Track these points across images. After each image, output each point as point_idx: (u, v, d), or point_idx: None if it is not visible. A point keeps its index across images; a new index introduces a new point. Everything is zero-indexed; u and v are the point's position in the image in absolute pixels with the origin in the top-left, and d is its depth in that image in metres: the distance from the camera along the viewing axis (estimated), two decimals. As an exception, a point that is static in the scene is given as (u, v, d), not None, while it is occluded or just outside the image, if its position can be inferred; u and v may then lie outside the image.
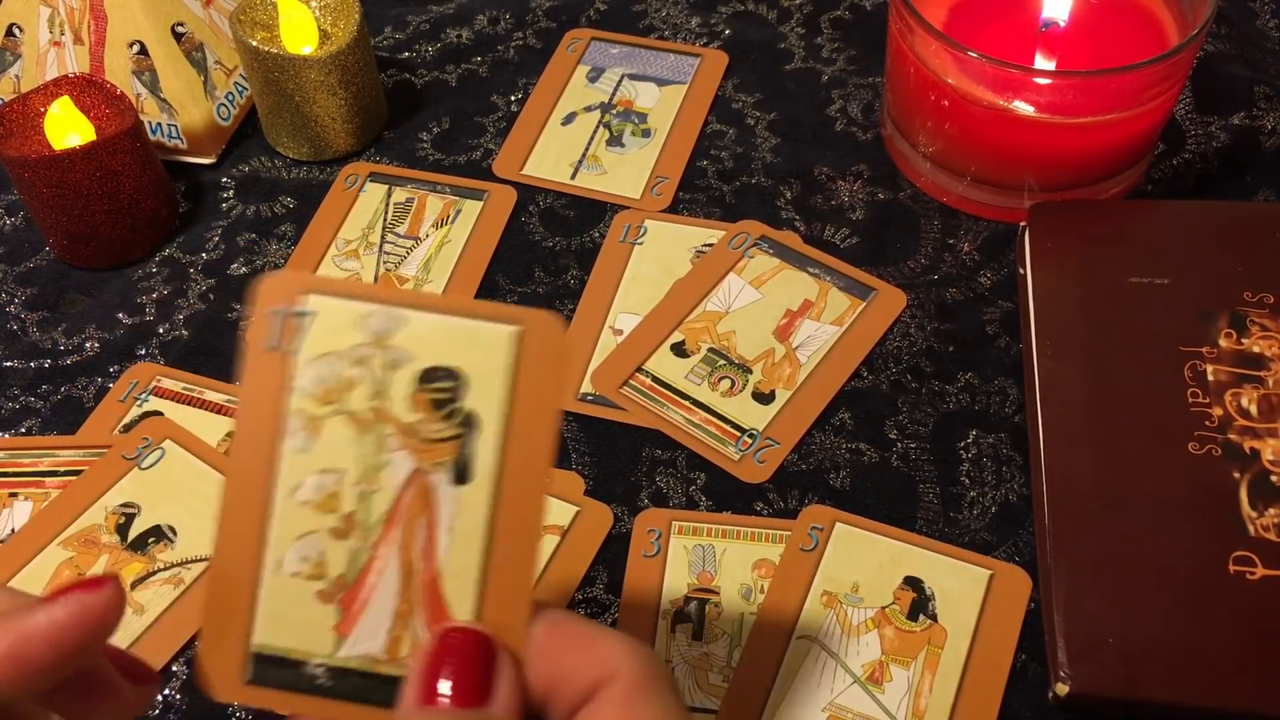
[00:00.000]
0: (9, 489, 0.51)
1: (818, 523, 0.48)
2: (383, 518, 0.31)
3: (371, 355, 0.31)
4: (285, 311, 0.31)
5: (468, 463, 0.31)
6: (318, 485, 0.31)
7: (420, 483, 0.31)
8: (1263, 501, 0.45)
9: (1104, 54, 0.56)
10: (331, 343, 0.31)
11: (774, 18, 0.69)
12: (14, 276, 0.60)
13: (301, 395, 0.31)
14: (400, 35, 0.70)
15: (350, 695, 0.31)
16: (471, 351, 0.31)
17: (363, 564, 0.31)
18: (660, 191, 0.60)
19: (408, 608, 0.31)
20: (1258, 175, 0.59)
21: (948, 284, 0.56)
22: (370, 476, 0.31)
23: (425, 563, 0.31)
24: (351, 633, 0.31)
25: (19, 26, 0.64)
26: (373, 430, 0.31)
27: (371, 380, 0.31)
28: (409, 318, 0.31)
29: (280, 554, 0.31)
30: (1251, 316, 0.50)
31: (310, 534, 0.31)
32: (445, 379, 0.31)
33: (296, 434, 0.31)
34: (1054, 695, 0.42)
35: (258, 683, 0.31)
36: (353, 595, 0.31)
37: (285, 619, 0.31)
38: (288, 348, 0.31)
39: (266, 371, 0.31)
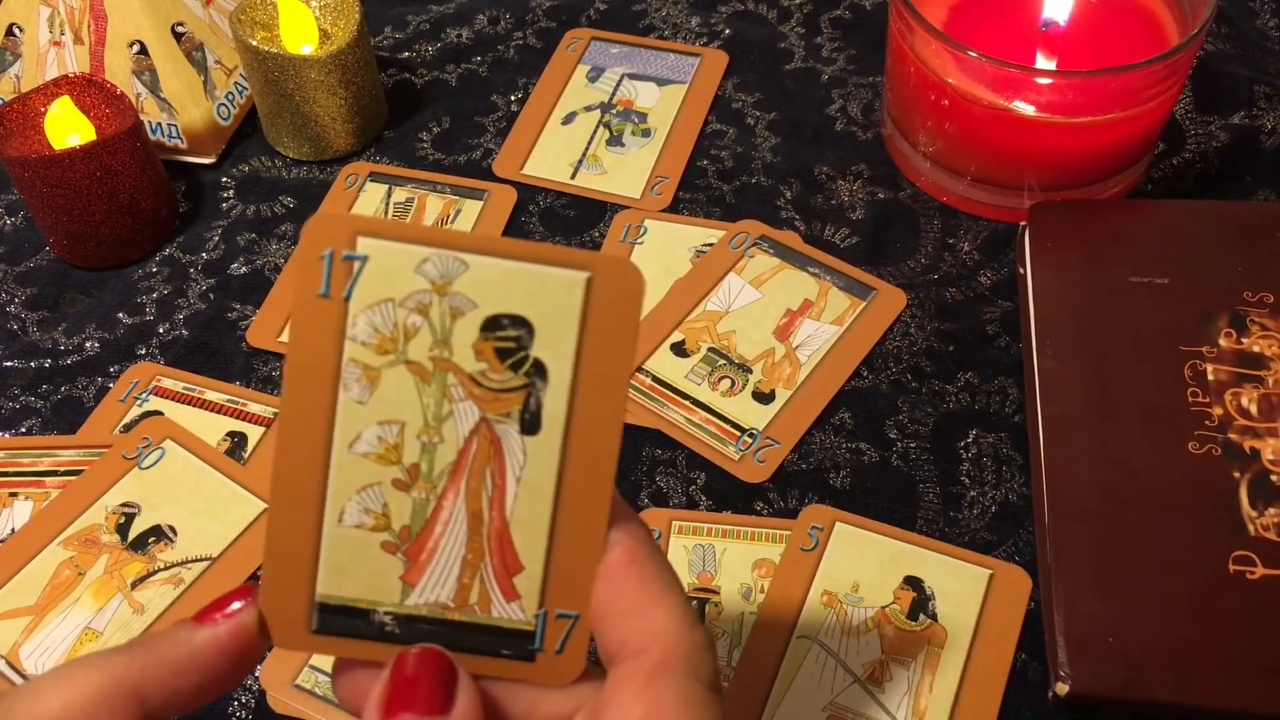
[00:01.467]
0: (9, 489, 0.51)
1: (818, 522, 0.48)
2: (448, 468, 0.30)
3: (431, 301, 0.30)
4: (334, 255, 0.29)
5: (537, 412, 0.30)
6: (378, 436, 0.30)
7: (487, 432, 0.30)
8: (1263, 501, 0.45)
9: (1104, 54, 0.56)
10: (387, 288, 0.29)
11: (774, 17, 0.69)
12: (14, 276, 0.60)
13: (356, 344, 0.30)
14: (400, 35, 0.70)
15: (419, 641, 0.31)
16: (539, 298, 0.29)
17: (429, 514, 0.30)
18: (660, 191, 0.60)
19: (476, 556, 0.30)
20: (1258, 175, 0.59)
21: (948, 284, 0.56)
22: (434, 427, 0.30)
23: (494, 511, 0.30)
24: (419, 582, 0.31)
25: (19, 26, 0.64)
26: (435, 380, 0.30)
27: (432, 328, 0.30)
28: (470, 261, 0.29)
29: (340, 506, 0.30)
30: (1251, 316, 0.50)
31: (372, 485, 0.30)
32: (511, 327, 0.30)
33: (352, 385, 0.30)
34: (1054, 695, 0.42)
35: (323, 631, 0.31)
36: (419, 545, 0.30)
37: (349, 570, 0.30)
38: (339, 294, 0.29)
39: (316, 320, 0.29)
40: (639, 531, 0.30)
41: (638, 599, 0.29)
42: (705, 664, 0.29)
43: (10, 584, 0.47)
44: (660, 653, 0.28)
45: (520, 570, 0.31)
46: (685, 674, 0.28)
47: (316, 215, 0.29)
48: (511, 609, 0.31)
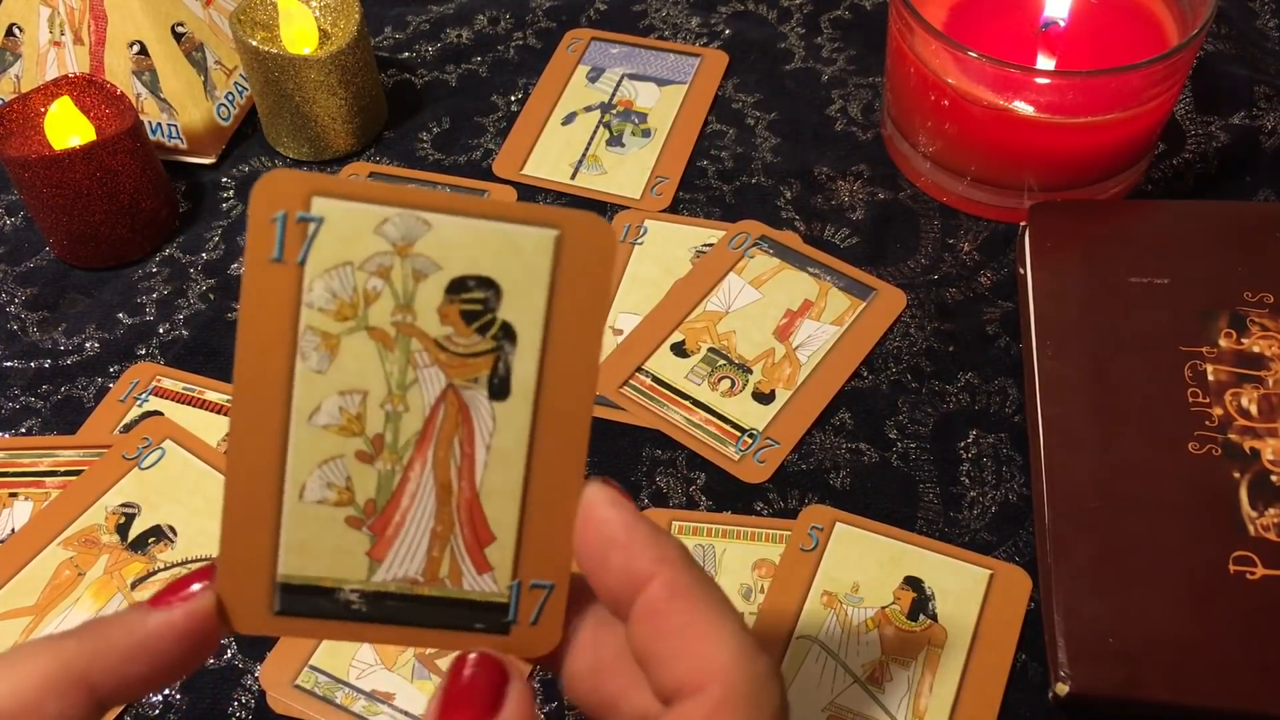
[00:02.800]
0: (9, 489, 0.51)
1: (818, 523, 0.48)
2: (414, 438, 0.29)
3: (392, 264, 0.28)
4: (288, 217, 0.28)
5: (505, 377, 0.29)
6: (339, 407, 0.29)
7: (454, 399, 0.29)
8: (1263, 501, 0.45)
9: (1104, 54, 0.56)
10: (345, 251, 0.28)
11: (774, 18, 0.69)
12: (14, 276, 0.60)
13: (314, 311, 0.28)
14: (400, 35, 0.70)
15: (389, 619, 0.30)
16: (506, 258, 0.28)
17: (394, 486, 0.29)
18: (660, 191, 0.60)
19: (445, 528, 0.29)
20: (1258, 175, 0.59)
21: (948, 284, 0.56)
22: (398, 395, 0.29)
23: (463, 482, 0.29)
24: (386, 557, 0.29)
25: (19, 26, 0.64)
26: (398, 346, 0.29)
27: (394, 292, 0.28)
28: (433, 221, 0.28)
29: (301, 481, 0.29)
30: (1251, 316, 0.50)
31: (334, 459, 0.29)
32: (477, 289, 0.28)
33: (310, 354, 0.28)
34: (1054, 695, 0.42)
35: (286, 613, 0.29)
36: (386, 519, 0.29)
37: (312, 547, 0.29)
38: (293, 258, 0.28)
39: (270, 286, 0.28)
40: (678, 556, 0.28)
41: (687, 635, 0.27)
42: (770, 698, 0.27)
43: (10, 584, 0.47)
44: (719, 692, 0.26)
45: (492, 541, 0.29)
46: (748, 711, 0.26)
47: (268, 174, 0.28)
48: (484, 581, 0.30)
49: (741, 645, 0.27)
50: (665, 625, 0.27)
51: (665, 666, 0.27)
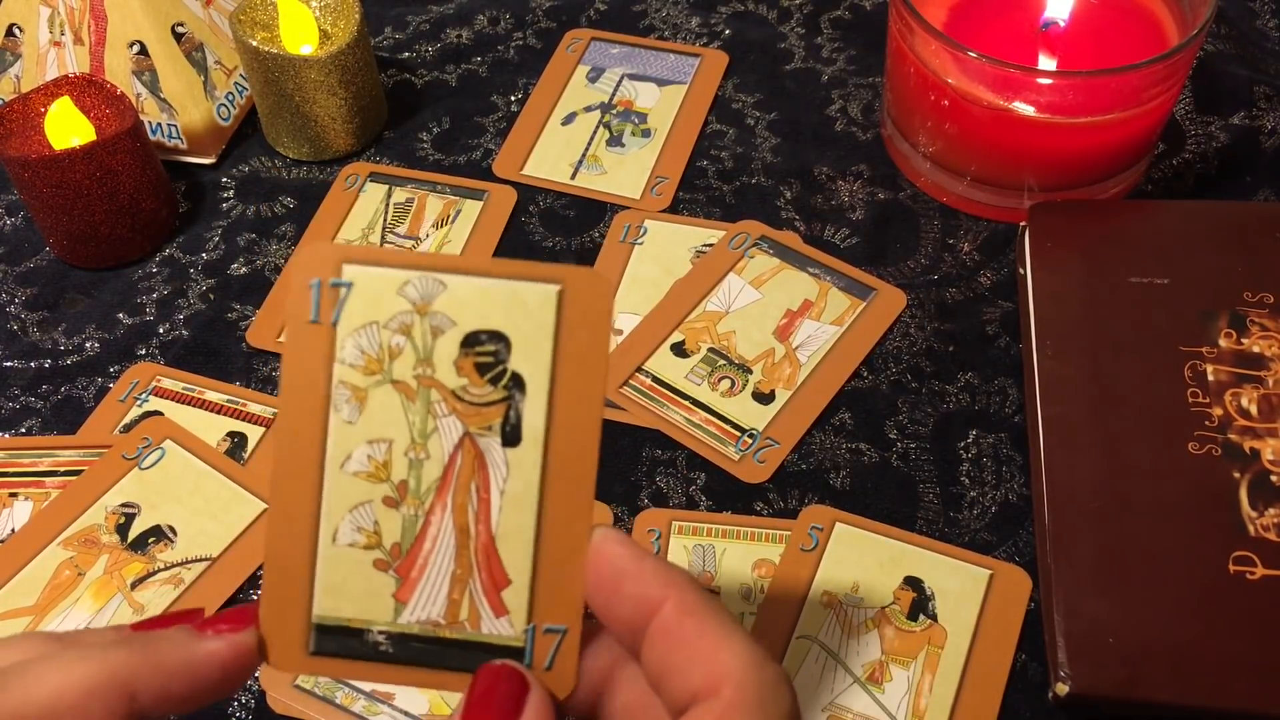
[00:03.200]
0: (9, 489, 0.51)
1: (818, 523, 0.48)
2: (434, 484, 0.31)
3: (413, 322, 0.31)
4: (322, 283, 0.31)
5: (517, 425, 0.31)
6: (367, 455, 0.31)
7: (471, 447, 0.31)
8: (1263, 501, 0.45)
9: (1104, 54, 0.56)
10: (372, 312, 0.31)
11: (774, 18, 0.69)
12: (14, 276, 0.60)
13: (345, 366, 0.31)
14: (400, 35, 0.70)
15: (413, 660, 0.31)
16: (514, 313, 0.31)
17: (418, 530, 0.31)
18: (660, 191, 0.60)
19: (465, 571, 0.31)
20: (1258, 175, 0.59)
21: (948, 284, 0.56)
22: (419, 444, 0.31)
23: (480, 526, 0.31)
24: (410, 599, 0.31)
25: (19, 26, 0.64)
26: (419, 397, 0.31)
27: (415, 347, 0.31)
28: (448, 282, 0.31)
29: (334, 525, 0.31)
30: (1251, 316, 0.50)
31: (363, 504, 0.31)
32: (489, 342, 0.31)
33: (342, 406, 0.31)
34: (1054, 695, 0.42)
35: (321, 653, 0.31)
36: (410, 562, 0.31)
37: (344, 589, 0.31)
38: (328, 319, 0.31)
39: (308, 345, 0.31)
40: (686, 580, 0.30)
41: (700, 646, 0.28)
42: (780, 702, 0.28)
43: (10, 584, 0.47)
44: (730, 694, 0.27)
45: (508, 584, 0.31)
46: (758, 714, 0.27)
47: (306, 246, 0.31)
48: (501, 624, 0.31)
49: (752, 653, 0.28)
50: (679, 639, 0.29)
51: (680, 676, 0.28)
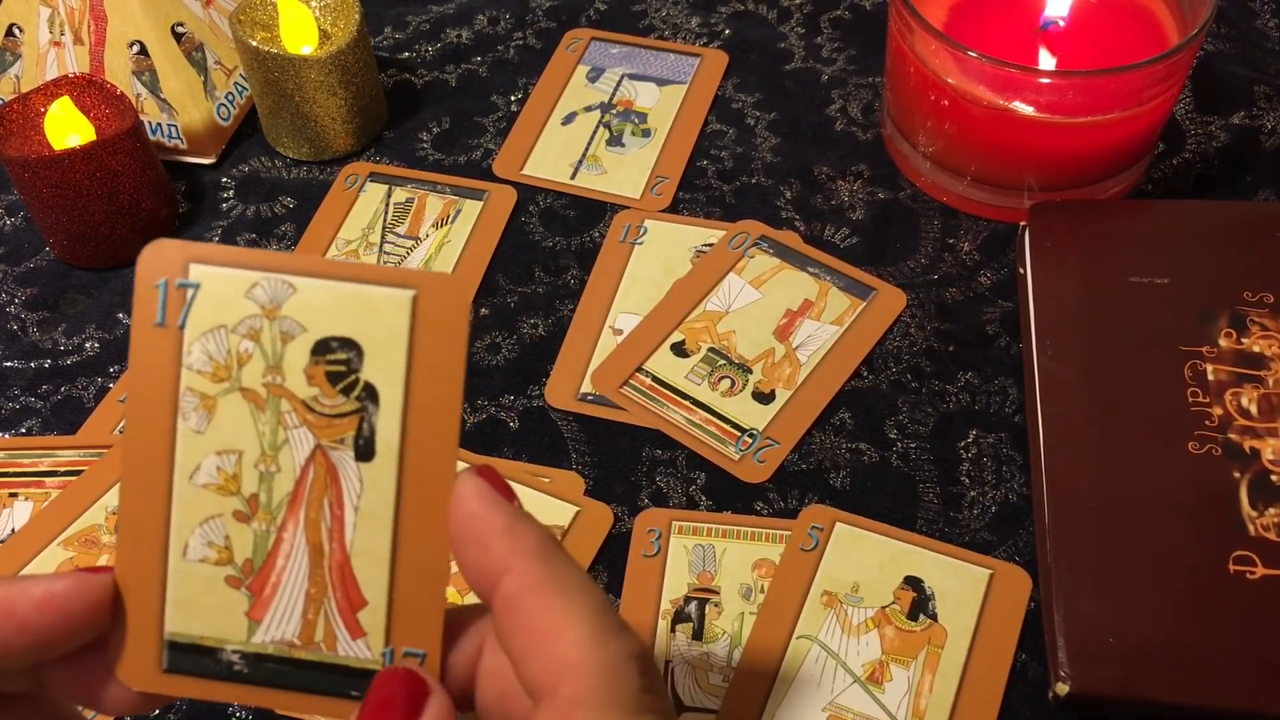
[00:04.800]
0: (9, 489, 0.51)
1: (818, 522, 0.48)
2: (286, 498, 0.30)
3: (262, 327, 0.29)
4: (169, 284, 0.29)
5: (370, 438, 0.29)
6: (216, 466, 0.30)
7: (323, 460, 0.29)
8: (1263, 501, 0.45)
9: (1104, 54, 0.56)
10: (219, 315, 0.29)
11: (774, 18, 0.69)
12: (14, 276, 0.60)
13: (192, 372, 0.29)
14: (400, 35, 0.70)
15: (268, 681, 0.30)
16: (366, 319, 0.29)
17: (270, 546, 0.30)
18: (660, 191, 0.60)
19: (319, 590, 0.30)
20: (1258, 175, 0.59)
21: (948, 284, 0.56)
22: (270, 456, 0.30)
23: (334, 543, 0.30)
24: (264, 618, 0.30)
25: (19, 26, 0.64)
26: (269, 407, 0.29)
27: (264, 353, 0.29)
28: (298, 284, 0.29)
29: (184, 539, 0.30)
30: (1251, 316, 0.50)
31: (214, 518, 0.30)
32: (340, 349, 0.29)
33: (190, 414, 0.29)
34: (1054, 695, 0.42)
35: (174, 671, 0.30)
36: (262, 579, 0.30)
37: (196, 606, 0.30)
38: (174, 322, 0.29)
39: (154, 348, 0.29)
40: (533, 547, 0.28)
41: (537, 633, 0.27)
42: (625, 684, 0.26)
43: (10, 584, 0.47)
44: (568, 691, 0.26)
45: (364, 605, 0.30)
46: (598, 707, 0.26)
47: (150, 244, 0.29)
48: (357, 646, 0.30)
49: (592, 634, 0.27)
50: (517, 623, 0.27)
51: (520, 666, 0.27)
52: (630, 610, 0.46)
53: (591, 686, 0.26)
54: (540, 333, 0.55)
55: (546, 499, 0.49)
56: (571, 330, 0.55)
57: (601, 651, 0.26)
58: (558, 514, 0.49)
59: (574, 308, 0.56)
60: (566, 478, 0.50)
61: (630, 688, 0.26)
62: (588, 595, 0.27)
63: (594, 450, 0.51)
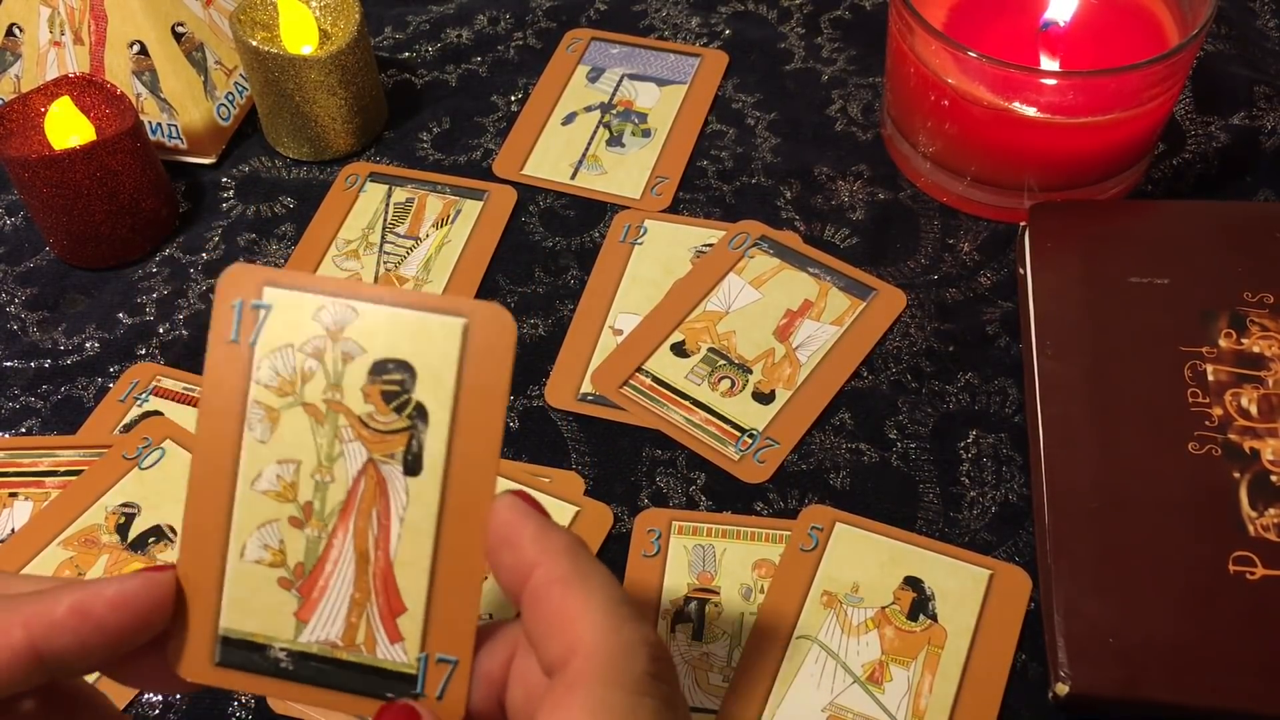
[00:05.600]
0: (9, 489, 0.51)
1: (818, 523, 0.48)
2: (338, 507, 0.32)
3: (325, 347, 0.31)
4: (244, 304, 0.32)
5: (419, 454, 0.31)
6: (276, 475, 0.32)
7: (374, 473, 0.31)
8: (1263, 501, 0.45)
9: (1104, 54, 0.56)
10: (288, 335, 0.32)
11: (774, 18, 0.69)
12: (14, 276, 0.60)
13: (260, 387, 0.32)
14: (400, 35, 0.70)
15: (311, 679, 0.32)
16: (421, 343, 0.31)
17: (320, 552, 0.32)
18: (660, 191, 0.60)
19: (363, 596, 0.32)
20: (1258, 175, 0.59)
21: (948, 284, 0.56)
22: (326, 467, 0.32)
23: (379, 552, 0.31)
24: (311, 619, 0.32)
25: (19, 26, 0.64)
26: (328, 421, 0.32)
27: (325, 372, 0.31)
28: (360, 309, 0.31)
29: (243, 541, 0.32)
30: (1251, 316, 0.50)
31: (271, 522, 0.32)
32: (396, 371, 0.31)
33: (256, 425, 0.32)
34: (1054, 695, 0.42)
35: (225, 665, 0.32)
36: (311, 582, 0.32)
37: (249, 604, 0.32)
38: (247, 339, 0.32)
39: (227, 363, 0.32)
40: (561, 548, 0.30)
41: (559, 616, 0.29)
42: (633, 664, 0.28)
43: (10, 584, 0.47)
44: (578, 665, 0.28)
45: (404, 611, 0.31)
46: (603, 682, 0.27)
47: (230, 268, 0.32)
48: (395, 651, 0.31)
49: (606, 619, 0.28)
50: (543, 609, 0.29)
51: (542, 647, 0.29)
52: (630, 610, 0.46)
53: (600, 663, 0.28)
54: (540, 333, 0.55)
55: (547, 499, 0.49)
56: (571, 330, 0.55)
57: (614, 635, 0.28)
58: (558, 514, 0.49)
59: (574, 308, 0.56)
60: (566, 478, 0.50)
61: (637, 670, 0.28)
62: (608, 588, 0.29)
63: (594, 450, 0.51)
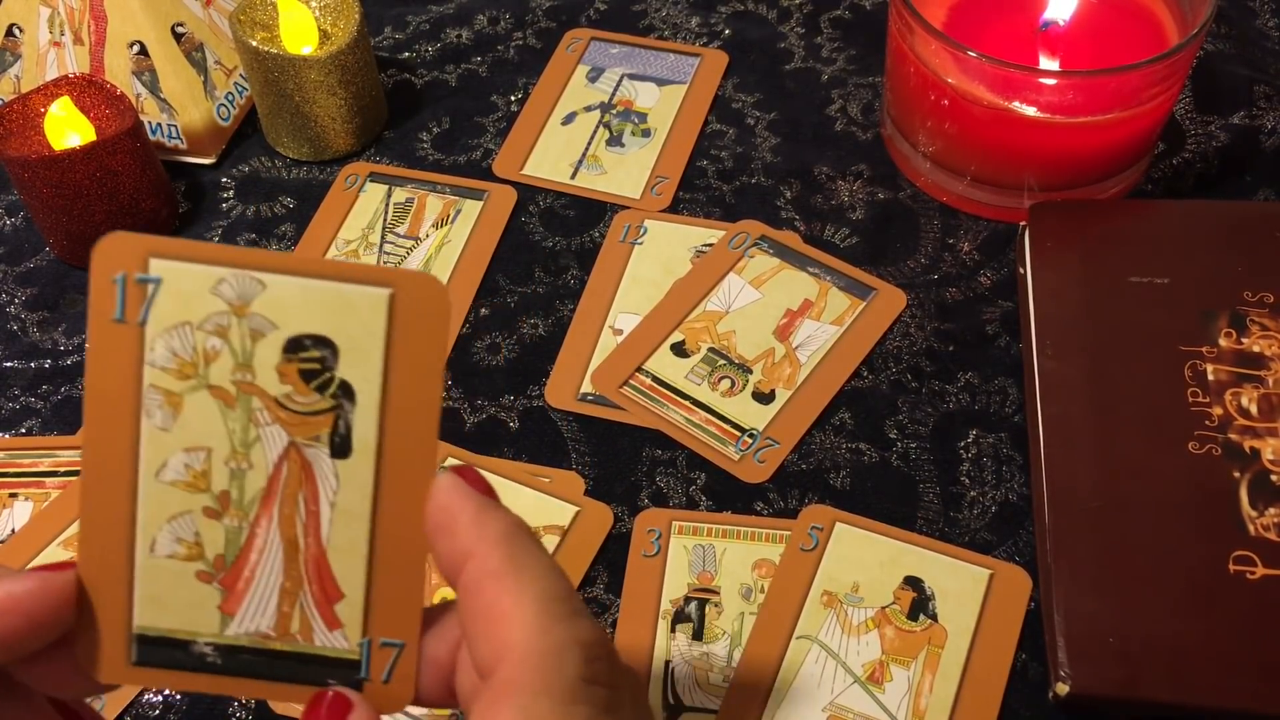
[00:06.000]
0: (9, 489, 0.51)
1: (818, 522, 0.48)
2: (259, 494, 0.30)
3: (229, 324, 0.29)
4: (127, 278, 0.29)
5: (347, 435, 0.29)
6: (184, 464, 0.30)
7: (298, 457, 0.30)
8: (1263, 501, 0.45)
9: (1104, 54, 0.56)
10: (183, 311, 0.29)
11: (774, 17, 0.69)
12: (14, 276, 0.60)
13: (156, 370, 0.29)
14: (400, 35, 0.70)
15: (243, 671, 0.30)
16: (342, 317, 0.29)
17: (242, 542, 0.30)
18: (660, 191, 0.60)
19: (295, 584, 0.30)
20: (1258, 175, 0.59)
21: (948, 284, 0.56)
22: (241, 453, 0.30)
23: (310, 539, 0.30)
24: (238, 611, 0.30)
25: (19, 26, 0.64)
26: (239, 404, 0.29)
27: (232, 351, 0.29)
28: (268, 281, 0.29)
29: (152, 536, 0.30)
30: (1251, 316, 0.50)
31: (183, 514, 0.30)
32: (314, 348, 0.29)
33: (155, 411, 0.29)
34: (1054, 695, 0.42)
35: (144, 663, 0.30)
36: (235, 574, 0.30)
37: (166, 600, 0.30)
38: (134, 318, 0.29)
39: (114, 345, 0.29)
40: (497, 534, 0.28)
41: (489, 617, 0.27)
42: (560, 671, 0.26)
43: (10, 584, 0.47)
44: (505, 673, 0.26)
45: (341, 598, 0.30)
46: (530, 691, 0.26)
47: (106, 237, 0.29)
48: (334, 638, 0.30)
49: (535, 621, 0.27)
50: (473, 607, 0.28)
51: (473, 648, 0.28)
52: (630, 610, 0.46)
53: (527, 670, 0.26)
54: (540, 333, 0.55)
55: (546, 499, 0.49)
56: (571, 330, 0.55)
57: (543, 637, 0.27)
58: (558, 514, 0.49)
59: (574, 308, 0.56)
60: (566, 478, 0.50)
61: (568, 675, 0.26)
62: (542, 582, 0.28)
63: (594, 450, 0.51)
